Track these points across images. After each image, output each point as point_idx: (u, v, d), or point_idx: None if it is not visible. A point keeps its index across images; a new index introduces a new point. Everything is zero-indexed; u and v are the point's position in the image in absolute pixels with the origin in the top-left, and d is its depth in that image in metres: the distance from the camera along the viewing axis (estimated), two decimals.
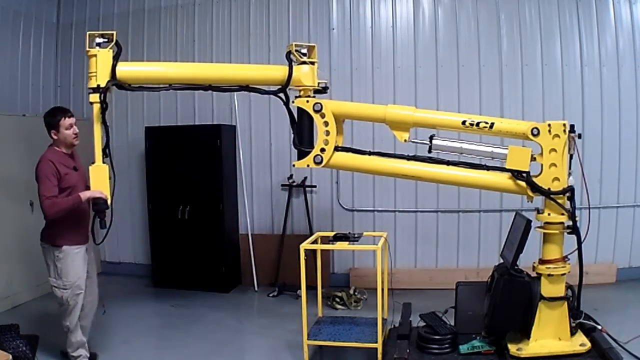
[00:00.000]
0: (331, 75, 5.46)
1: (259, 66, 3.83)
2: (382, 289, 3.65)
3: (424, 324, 3.58)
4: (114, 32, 3.18)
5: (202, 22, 6.04)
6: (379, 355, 3.53)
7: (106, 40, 3.17)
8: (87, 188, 3.42)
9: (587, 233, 3.24)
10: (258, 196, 5.98)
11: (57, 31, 6.48)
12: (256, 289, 5.69)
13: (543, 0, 5.39)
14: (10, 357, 3.14)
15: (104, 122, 3.18)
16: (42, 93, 6.30)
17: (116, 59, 3.17)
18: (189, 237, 5.65)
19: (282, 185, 5.85)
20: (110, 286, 5.92)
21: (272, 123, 5.89)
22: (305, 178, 5.74)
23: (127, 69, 3.24)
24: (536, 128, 3.16)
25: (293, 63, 3.44)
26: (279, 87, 3.49)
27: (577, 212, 3.24)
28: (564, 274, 3.20)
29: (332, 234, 4.06)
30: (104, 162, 3.24)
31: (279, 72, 3.46)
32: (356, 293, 5.14)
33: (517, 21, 5.42)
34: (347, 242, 3.81)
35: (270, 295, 5.47)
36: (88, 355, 3.68)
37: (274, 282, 5.65)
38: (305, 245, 3.71)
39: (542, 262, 3.23)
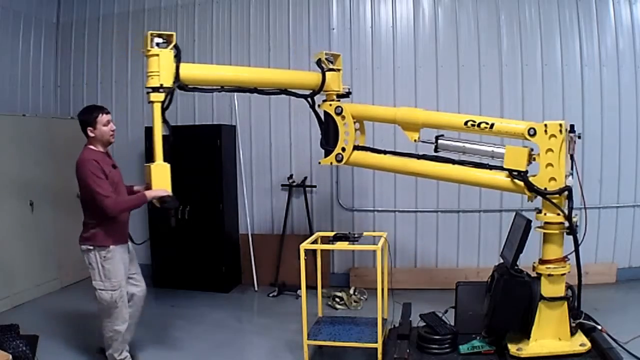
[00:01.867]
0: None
1: (298, 72, 4.23)
2: (382, 289, 3.65)
3: (424, 324, 3.59)
4: (174, 34, 3.24)
5: (202, 22, 6.04)
6: (379, 355, 3.53)
7: (164, 41, 3.22)
8: (131, 186, 3.57)
9: (584, 234, 3.24)
10: (258, 196, 5.98)
11: (57, 31, 6.48)
12: (256, 289, 5.69)
13: (543, 0, 5.39)
14: (10, 357, 3.14)
15: (165, 121, 3.27)
16: (42, 93, 6.30)
17: (179, 60, 3.23)
18: (189, 237, 5.65)
19: (282, 185, 5.86)
20: None
21: (272, 123, 5.90)
22: (305, 178, 5.74)
23: (191, 71, 3.34)
24: (533, 128, 3.17)
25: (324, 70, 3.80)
26: (311, 91, 3.85)
27: (578, 213, 3.24)
28: (564, 274, 3.21)
29: (332, 234, 4.06)
30: (165, 161, 3.31)
31: (314, 77, 3.82)
32: (356, 293, 5.14)
33: (517, 21, 5.42)
34: (347, 242, 3.81)
35: (270, 295, 5.47)
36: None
37: (274, 282, 5.65)
38: (305, 245, 3.71)
39: (542, 262, 3.23)
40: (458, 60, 5.49)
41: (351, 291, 5.15)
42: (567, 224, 3.17)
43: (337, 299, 5.04)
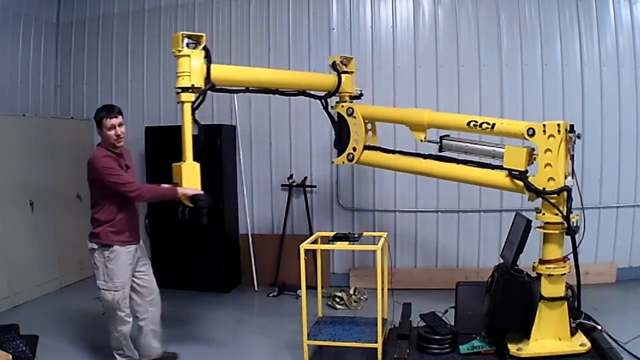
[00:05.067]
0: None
1: (317, 74, 4.47)
2: (382, 289, 3.65)
3: (424, 324, 3.59)
4: (204, 35, 3.28)
5: (202, 22, 6.04)
6: (379, 355, 3.53)
7: (194, 42, 3.25)
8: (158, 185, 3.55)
9: (583, 234, 3.24)
10: (258, 196, 5.98)
11: (57, 31, 6.48)
12: (256, 289, 5.69)
13: (543, 0, 5.39)
14: (10, 357, 3.14)
15: (195, 121, 3.29)
16: (42, 93, 6.30)
17: (209, 61, 3.27)
18: (189, 237, 5.65)
19: (282, 185, 5.85)
20: None
21: (272, 123, 5.90)
22: (305, 178, 5.74)
23: (221, 72, 3.39)
24: (531, 128, 3.17)
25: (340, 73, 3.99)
26: (326, 93, 4.03)
27: (579, 213, 3.24)
28: (564, 274, 3.20)
29: (332, 234, 4.06)
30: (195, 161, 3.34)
31: (330, 80, 4.03)
32: (356, 293, 5.14)
33: (517, 21, 5.42)
34: (347, 242, 3.81)
35: (270, 295, 5.47)
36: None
37: (274, 282, 5.65)
38: (305, 245, 3.71)
39: (542, 262, 3.23)
40: (458, 60, 5.49)
41: (351, 291, 5.15)
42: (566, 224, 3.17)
43: (337, 299, 5.04)
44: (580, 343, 3.18)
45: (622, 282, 5.33)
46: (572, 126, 3.19)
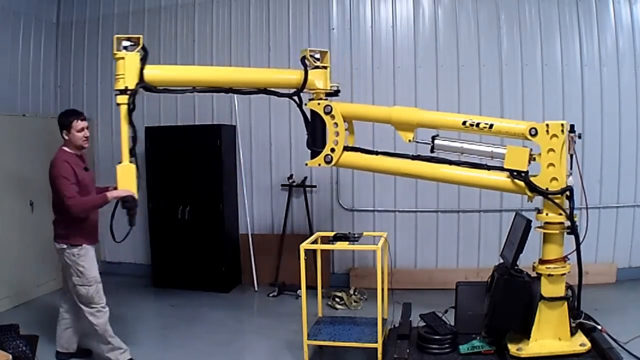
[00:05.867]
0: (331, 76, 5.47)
1: (277, 70, 4.13)
2: (382, 289, 3.65)
3: (424, 324, 3.59)
4: (141, 36, 3.24)
5: (202, 22, 6.05)
6: (379, 355, 3.53)
7: (133, 43, 3.23)
8: (104, 189, 3.58)
9: (585, 233, 3.24)
10: (258, 196, 5.98)
11: (57, 31, 6.49)
12: (256, 289, 5.69)
13: (543, 0, 5.39)
14: (10, 357, 3.14)
15: (131, 123, 3.28)
16: (42, 93, 6.30)
17: (144, 62, 3.23)
18: (189, 237, 5.65)
19: (282, 185, 5.86)
20: (110, 286, 5.91)
21: (272, 123, 5.90)
22: (305, 178, 5.74)
23: (155, 73, 3.31)
24: (534, 128, 3.16)
25: (308, 67, 3.63)
26: (294, 90, 3.67)
27: (578, 212, 3.24)
28: (564, 274, 3.21)
29: (332, 234, 4.06)
30: (130, 162, 3.30)
31: (295, 75, 3.65)
32: (356, 293, 5.14)
33: (517, 21, 5.42)
34: (347, 242, 3.81)
35: (270, 295, 5.47)
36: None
37: (274, 282, 5.65)
38: (305, 245, 3.71)
39: (542, 262, 3.23)
40: (458, 60, 5.49)
41: (351, 291, 5.15)
42: (567, 223, 3.17)
43: (337, 299, 5.04)
44: (580, 343, 3.18)
45: (622, 282, 5.34)
46: (572, 126, 3.19)
